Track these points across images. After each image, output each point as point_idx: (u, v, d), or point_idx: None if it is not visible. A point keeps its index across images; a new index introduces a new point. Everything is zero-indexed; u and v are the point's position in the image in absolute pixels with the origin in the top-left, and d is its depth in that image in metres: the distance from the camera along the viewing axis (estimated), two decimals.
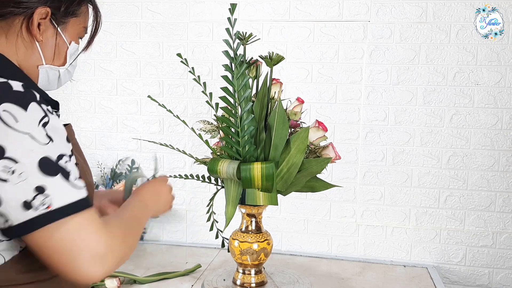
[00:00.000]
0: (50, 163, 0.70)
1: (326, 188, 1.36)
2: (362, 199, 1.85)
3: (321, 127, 1.33)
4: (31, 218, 0.69)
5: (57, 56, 0.89)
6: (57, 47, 0.88)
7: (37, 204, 0.69)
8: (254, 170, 1.23)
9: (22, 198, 0.68)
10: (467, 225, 1.80)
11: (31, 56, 0.86)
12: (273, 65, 1.25)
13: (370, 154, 1.83)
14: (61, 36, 0.88)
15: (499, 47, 1.72)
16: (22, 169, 0.68)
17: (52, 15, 0.86)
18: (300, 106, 1.35)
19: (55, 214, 0.70)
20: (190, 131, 1.92)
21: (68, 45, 0.90)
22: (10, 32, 0.84)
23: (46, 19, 0.85)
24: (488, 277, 1.80)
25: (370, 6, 1.78)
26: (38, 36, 0.85)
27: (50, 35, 0.87)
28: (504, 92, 1.74)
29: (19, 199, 0.68)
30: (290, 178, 1.27)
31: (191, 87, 1.90)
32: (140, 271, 1.62)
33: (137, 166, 1.97)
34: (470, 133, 1.77)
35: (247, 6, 1.85)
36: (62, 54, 0.90)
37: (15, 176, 0.68)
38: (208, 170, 1.33)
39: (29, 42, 0.85)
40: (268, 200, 1.28)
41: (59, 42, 0.89)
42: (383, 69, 1.79)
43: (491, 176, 1.77)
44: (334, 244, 1.89)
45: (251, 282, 1.39)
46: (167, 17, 1.90)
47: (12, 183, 0.68)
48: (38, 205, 0.69)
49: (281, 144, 1.27)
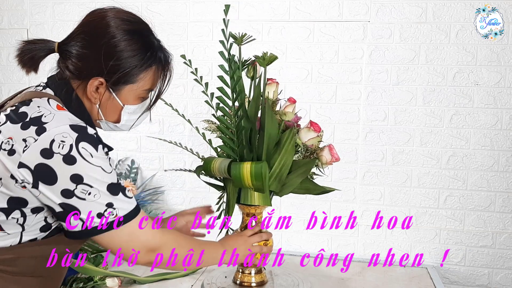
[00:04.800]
0: (115, 185, 0.94)
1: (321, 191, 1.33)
2: (362, 199, 1.85)
3: (313, 127, 1.30)
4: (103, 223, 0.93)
5: (111, 115, 1.06)
6: (111, 108, 1.04)
7: (107, 214, 0.93)
8: (244, 169, 1.23)
9: (97, 211, 0.92)
10: (467, 225, 1.80)
11: (92, 111, 1.05)
12: (266, 64, 1.25)
13: (370, 154, 1.83)
14: (115, 100, 1.03)
15: (499, 47, 1.72)
16: (96, 192, 0.91)
17: (107, 83, 1.00)
18: (291, 106, 1.32)
19: (121, 221, 0.95)
20: (189, 131, 1.92)
21: (122, 106, 1.05)
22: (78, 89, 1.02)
23: (103, 85, 1.00)
24: (487, 277, 1.81)
25: (370, 6, 1.78)
26: (93, 100, 1.02)
27: (106, 98, 1.02)
28: (504, 92, 1.74)
29: (95, 211, 0.92)
30: (282, 179, 1.26)
31: (191, 87, 1.90)
32: (140, 271, 1.62)
33: (136, 166, 1.97)
34: (470, 133, 1.77)
35: (247, 6, 1.85)
36: (116, 113, 1.06)
37: (91, 197, 0.91)
38: (203, 169, 1.34)
39: (89, 101, 1.03)
40: (261, 200, 1.28)
41: (114, 104, 1.04)
42: (383, 69, 1.79)
43: (490, 176, 1.77)
44: (334, 244, 1.89)
45: (251, 282, 1.39)
46: (167, 17, 1.90)
47: (88, 201, 0.91)
48: (109, 215, 0.93)
49: (271, 143, 1.26)
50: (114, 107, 1.04)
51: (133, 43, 1.00)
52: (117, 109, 1.05)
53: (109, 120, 1.07)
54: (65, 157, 0.88)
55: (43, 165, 0.88)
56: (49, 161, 0.88)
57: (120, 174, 1.95)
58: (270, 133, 1.25)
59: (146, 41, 1.02)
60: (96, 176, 0.91)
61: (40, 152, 0.88)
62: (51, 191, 0.90)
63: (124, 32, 0.99)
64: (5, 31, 2.04)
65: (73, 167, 0.89)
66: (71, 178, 0.89)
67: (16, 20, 2.02)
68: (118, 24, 1.00)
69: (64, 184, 0.89)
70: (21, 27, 2.02)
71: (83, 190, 0.90)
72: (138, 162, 1.98)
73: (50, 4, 1.99)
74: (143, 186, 1.96)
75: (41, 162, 0.88)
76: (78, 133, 0.90)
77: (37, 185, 0.89)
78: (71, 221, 0.92)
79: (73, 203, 0.91)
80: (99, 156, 0.92)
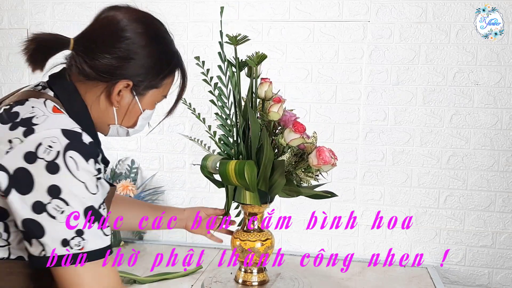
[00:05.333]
0: (94, 212, 0.83)
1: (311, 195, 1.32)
2: (362, 199, 1.85)
3: (294, 128, 1.24)
4: (64, 255, 0.81)
5: (128, 120, 1.01)
6: (130, 112, 0.99)
7: (73, 244, 0.81)
8: (230, 167, 1.25)
9: (63, 236, 0.81)
10: (467, 225, 1.80)
11: (105, 115, 0.98)
12: (256, 64, 1.26)
13: (370, 154, 1.83)
14: (137, 104, 0.99)
15: (499, 47, 1.72)
16: (69, 212, 0.81)
17: (134, 86, 0.95)
18: (276, 106, 1.27)
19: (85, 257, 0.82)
20: (190, 131, 1.92)
21: (141, 111, 1.01)
22: (91, 91, 0.95)
23: (127, 88, 0.95)
24: (488, 277, 1.81)
25: (370, 6, 1.78)
26: (115, 103, 0.96)
27: (126, 102, 0.97)
28: (504, 92, 1.74)
29: (60, 236, 0.81)
30: (267, 177, 1.26)
31: (191, 87, 1.90)
32: (140, 271, 1.62)
33: (136, 166, 1.97)
34: (470, 133, 1.77)
35: (247, 6, 1.85)
36: (133, 118, 1.01)
37: (62, 216, 0.80)
38: (200, 167, 1.37)
39: (105, 104, 0.96)
40: (251, 199, 1.29)
41: (134, 108, 0.99)
42: (383, 69, 1.79)
43: (491, 176, 1.77)
44: (334, 244, 1.89)
45: (253, 281, 1.40)
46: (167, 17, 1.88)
47: (58, 221, 0.80)
48: (74, 245, 0.81)
49: (255, 141, 1.25)
50: (134, 111, 1.00)
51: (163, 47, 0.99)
52: (136, 114, 1.01)
53: (125, 125, 1.01)
54: (48, 164, 0.80)
55: (23, 170, 0.80)
56: (30, 166, 0.80)
57: (120, 174, 1.95)
58: (254, 131, 1.25)
59: (172, 46, 1.02)
60: (76, 193, 0.81)
61: (24, 155, 0.80)
62: (21, 201, 0.80)
63: (155, 37, 0.98)
64: (5, 31, 2.04)
65: (54, 176, 0.80)
66: (48, 189, 0.80)
67: (16, 20, 2.02)
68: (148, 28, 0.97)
69: (38, 195, 0.80)
70: (21, 27, 2.02)
71: (56, 206, 0.80)
72: (138, 162, 1.98)
73: (50, 4, 1.99)
74: (143, 186, 1.96)
75: (22, 167, 0.80)
76: (69, 140, 0.82)
77: (9, 192, 0.80)
78: (33, 242, 0.81)
79: (41, 220, 0.80)
80: (86, 170, 0.83)
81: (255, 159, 1.26)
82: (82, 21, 0.98)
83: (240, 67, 1.29)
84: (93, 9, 1.90)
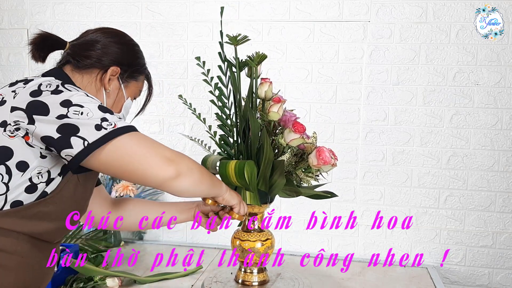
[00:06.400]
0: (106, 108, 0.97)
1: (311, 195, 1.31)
2: (362, 199, 1.85)
3: (294, 128, 1.24)
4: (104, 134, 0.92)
5: (115, 105, 1.17)
6: (117, 98, 1.16)
7: (105, 125, 0.93)
8: (229, 167, 1.24)
9: (95, 123, 0.93)
10: (467, 225, 1.80)
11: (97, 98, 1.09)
12: (256, 64, 1.25)
13: (370, 154, 1.83)
14: (122, 91, 1.16)
15: (499, 47, 1.72)
16: (88, 111, 0.93)
17: (120, 74, 1.14)
18: (276, 106, 1.26)
19: (121, 130, 0.94)
20: (189, 131, 1.92)
21: (125, 99, 1.18)
22: (86, 77, 1.12)
23: (115, 76, 1.13)
24: (488, 277, 1.81)
25: (370, 6, 1.78)
26: (107, 86, 1.13)
27: (114, 88, 1.15)
28: (504, 92, 1.74)
29: (92, 123, 0.92)
30: (267, 177, 1.26)
31: (191, 87, 1.90)
32: (140, 271, 1.62)
33: None
34: (470, 133, 1.77)
35: (247, 6, 1.85)
36: (119, 105, 1.18)
37: (84, 116, 0.93)
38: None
39: (98, 88, 1.13)
40: (251, 199, 1.29)
41: (120, 95, 1.16)
42: (383, 69, 1.79)
43: (491, 176, 1.77)
44: (334, 244, 1.89)
45: (253, 281, 1.40)
46: (167, 17, 1.90)
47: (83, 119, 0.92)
48: (107, 125, 0.93)
49: (255, 141, 1.25)
50: (119, 98, 1.17)
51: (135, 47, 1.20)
52: (120, 101, 1.17)
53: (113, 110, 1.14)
54: (52, 91, 0.95)
55: (34, 101, 0.94)
56: (38, 98, 0.94)
57: None
58: (253, 130, 1.25)
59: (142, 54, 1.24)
60: (84, 100, 0.95)
61: (30, 93, 0.95)
62: (46, 121, 0.92)
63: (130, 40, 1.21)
64: (5, 31, 2.04)
65: (60, 95, 0.95)
66: (61, 104, 0.93)
67: (16, 20, 2.02)
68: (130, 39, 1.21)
69: (56, 111, 0.92)
70: (21, 27, 2.02)
71: (75, 111, 0.93)
72: None
73: (50, 4, 1.98)
74: (143, 186, 1.96)
75: (32, 100, 0.94)
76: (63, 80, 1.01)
77: (33, 121, 0.92)
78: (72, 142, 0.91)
79: (70, 121, 0.92)
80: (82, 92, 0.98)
81: (255, 159, 1.26)
82: (82, 21, 0.99)
83: (240, 67, 1.29)
84: (93, 9, 1.90)
